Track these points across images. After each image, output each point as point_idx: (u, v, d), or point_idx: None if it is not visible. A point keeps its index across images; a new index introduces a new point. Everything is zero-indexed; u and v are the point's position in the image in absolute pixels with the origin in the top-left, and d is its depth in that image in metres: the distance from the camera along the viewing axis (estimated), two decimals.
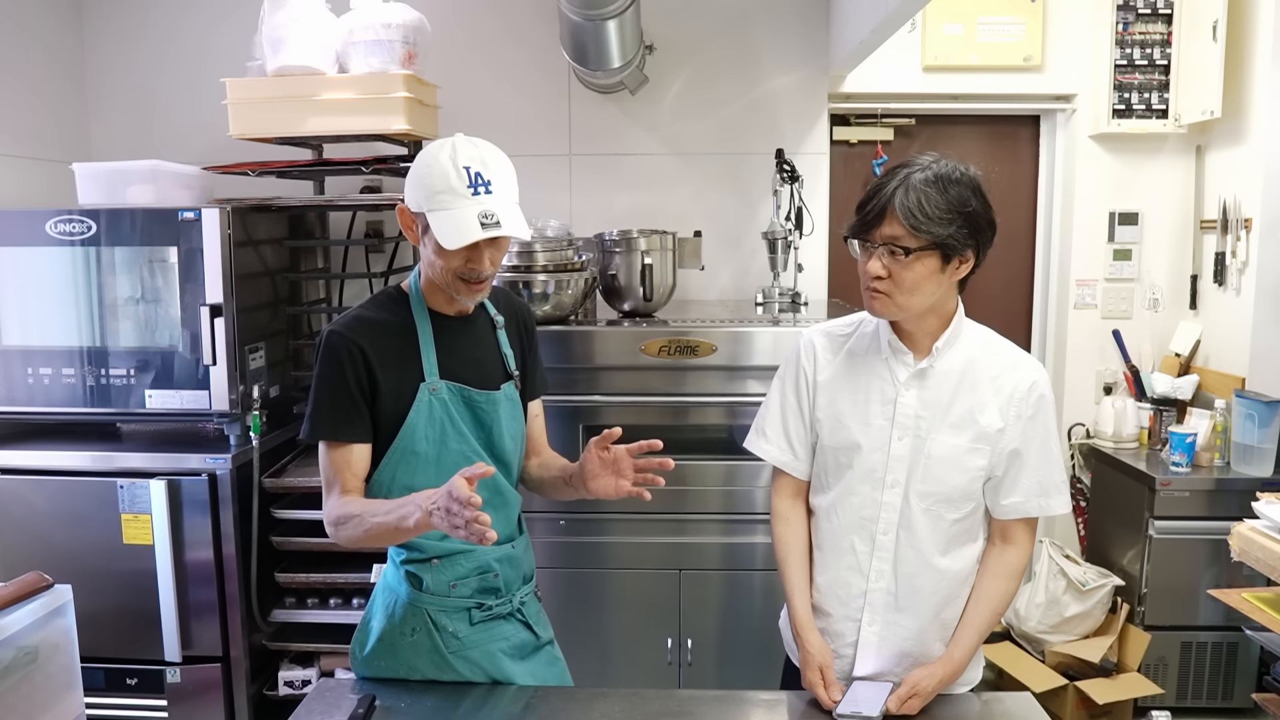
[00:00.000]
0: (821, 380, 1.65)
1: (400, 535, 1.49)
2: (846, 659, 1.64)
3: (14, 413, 2.70)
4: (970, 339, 1.61)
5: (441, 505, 1.34)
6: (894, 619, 1.60)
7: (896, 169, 1.52)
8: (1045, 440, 1.59)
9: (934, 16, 3.44)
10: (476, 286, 1.58)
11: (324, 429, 1.55)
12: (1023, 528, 1.61)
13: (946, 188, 1.47)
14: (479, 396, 1.63)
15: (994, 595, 1.61)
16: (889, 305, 1.52)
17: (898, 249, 1.47)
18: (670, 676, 2.80)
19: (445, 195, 1.49)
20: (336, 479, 1.55)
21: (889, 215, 1.47)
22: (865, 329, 1.66)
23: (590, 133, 3.46)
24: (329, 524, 1.56)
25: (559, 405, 2.71)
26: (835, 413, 1.63)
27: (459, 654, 1.63)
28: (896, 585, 1.60)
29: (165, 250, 2.59)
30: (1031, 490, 1.58)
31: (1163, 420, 3.32)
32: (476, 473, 1.34)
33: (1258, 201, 3.15)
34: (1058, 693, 3.06)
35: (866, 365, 1.62)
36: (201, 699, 2.64)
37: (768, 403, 1.73)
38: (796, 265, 3.20)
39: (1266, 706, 2.38)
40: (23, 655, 1.62)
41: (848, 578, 1.62)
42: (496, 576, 1.66)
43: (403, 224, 1.61)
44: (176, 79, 3.42)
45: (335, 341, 1.55)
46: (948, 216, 1.46)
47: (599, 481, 1.61)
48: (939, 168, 1.50)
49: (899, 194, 1.46)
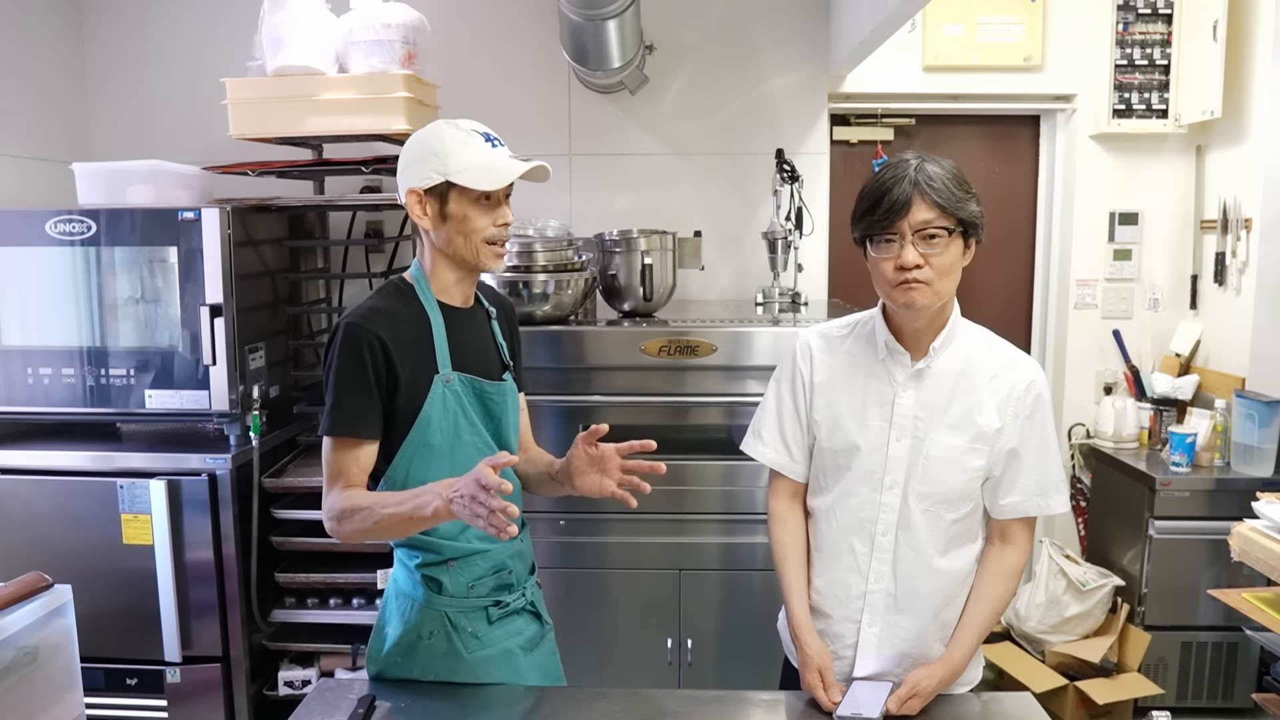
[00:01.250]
0: (818, 382, 1.65)
1: (414, 526, 1.47)
2: (846, 660, 1.64)
3: (14, 413, 2.70)
4: (967, 339, 1.61)
5: (466, 493, 1.32)
6: (894, 620, 1.60)
7: (893, 168, 1.51)
8: (1043, 440, 1.59)
9: (934, 16, 3.44)
10: (502, 249, 1.61)
11: (343, 424, 1.52)
12: (1021, 527, 1.61)
13: (954, 172, 1.50)
14: (490, 388, 1.63)
15: (993, 595, 1.61)
16: (928, 293, 1.48)
17: (936, 231, 1.46)
18: (670, 676, 2.80)
19: (465, 152, 1.53)
20: (342, 473, 1.52)
21: (917, 201, 1.45)
22: (862, 330, 1.65)
23: (590, 132, 3.46)
24: (331, 517, 1.52)
25: (559, 405, 2.71)
26: (833, 414, 1.63)
27: (475, 653, 1.62)
28: (896, 586, 1.59)
29: (165, 250, 2.58)
30: (1030, 490, 1.58)
31: (1163, 420, 3.32)
32: (500, 461, 1.32)
33: (1258, 201, 3.15)
34: (1058, 693, 3.06)
35: (864, 366, 1.62)
36: (201, 699, 2.64)
37: (764, 405, 1.73)
38: (796, 265, 3.20)
39: (1266, 706, 2.38)
40: (23, 655, 1.62)
41: (847, 579, 1.62)
42: (510, 573, 1.66)
43: (415, 211, 1.56)
44: (176, 79, 3.42)
45: (355, 333, 1.52)
46: (969, 195, 1.49)
47: (584, 479, 1.60)
48: (939, 160, 1.51)
49: (921, 180, 1.46)
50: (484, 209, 1.57)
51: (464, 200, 1.55)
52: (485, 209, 1.57)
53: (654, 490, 1.61)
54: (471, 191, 1.54)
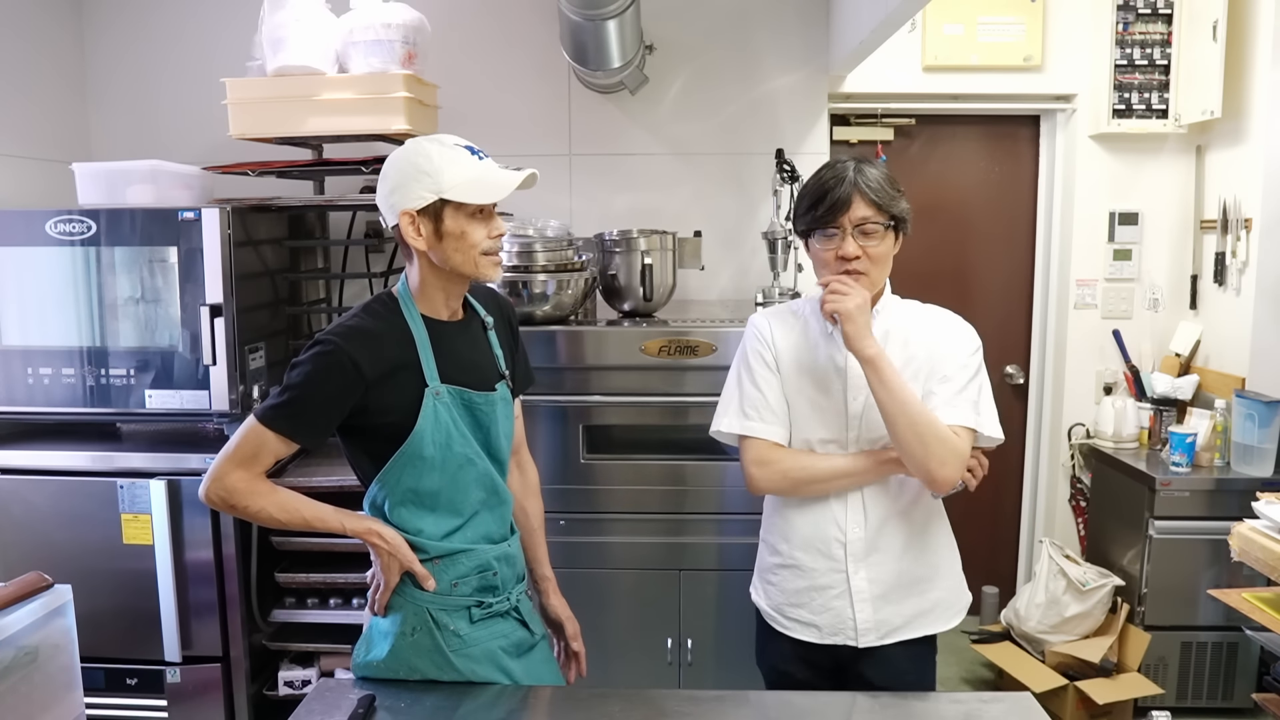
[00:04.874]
0: (780, 351, 1.76)
1: (319, 527, 1.60)
2: (838, 612, 1.71)
3: (14, 413, 2.69)
4: (902, 308, 1.77)
5: (388, 552, 1.58)
6: (877, 560, 1.71)
7: (830, 167, 1.68)
8: (977, 375, 1.69)
9: (934, 16, 3.45)
10: (498, 259, 1.64)
11: (283, 424, 1.54)
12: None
13: (887, 174, 1.68)
14: (479, 398, 1.64)
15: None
16: (867, 282, 1.66)
17: (873, 226, 1.63)
18: (670, 676, 2.80)
19: (455, 168, 1.54)
20: (257, 459, 1.55)
21: (856, 199, 1.63)
22: (804, 309, 1.80)
23: (590, 133, 3.46)
24: (230, 487, 1.54)
25: (559, 405, 2.72)
26: (796, 382, 1.74)
27: (460, 652, 1.63)
28: (871, 530, 1.71)
29: (165, 250, 2.58)
30: (948, 397, 1.66)
31: (1163, 420, 3.32)
32: (429, 586, 1.60)
33: (1258, 201, 3.15)
34: (1058, 693, 3.06)
35: (815, 339, 1.75)
36: (201, 699, 2.64)
37: (740, 389, 1.78)
38: (796, 265, 3.20)
39: (1266, 706, 2.38)
40: (23, 655, 1.62)
41: (826, 532, 1.72)
42: (495, 575, 1.67)
43: (408, 233, 1.56)
44: (176, 79, 3.42)
45: (331, 351, 1.52)
46: (900, 194, 1.67)
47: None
48: (873, 162, 1.70)
49: (860, 180, 1.63)
50: (479, 222, 1.57)
51: (459, 216, 1.55)
52: (480, 221, 1.58)
53: (654, 490, 1.63)
54: (467, 206, 1.55)
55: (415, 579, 1.61)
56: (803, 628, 1.74)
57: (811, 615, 1.73)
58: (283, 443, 1.55)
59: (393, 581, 1.60)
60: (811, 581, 1.73)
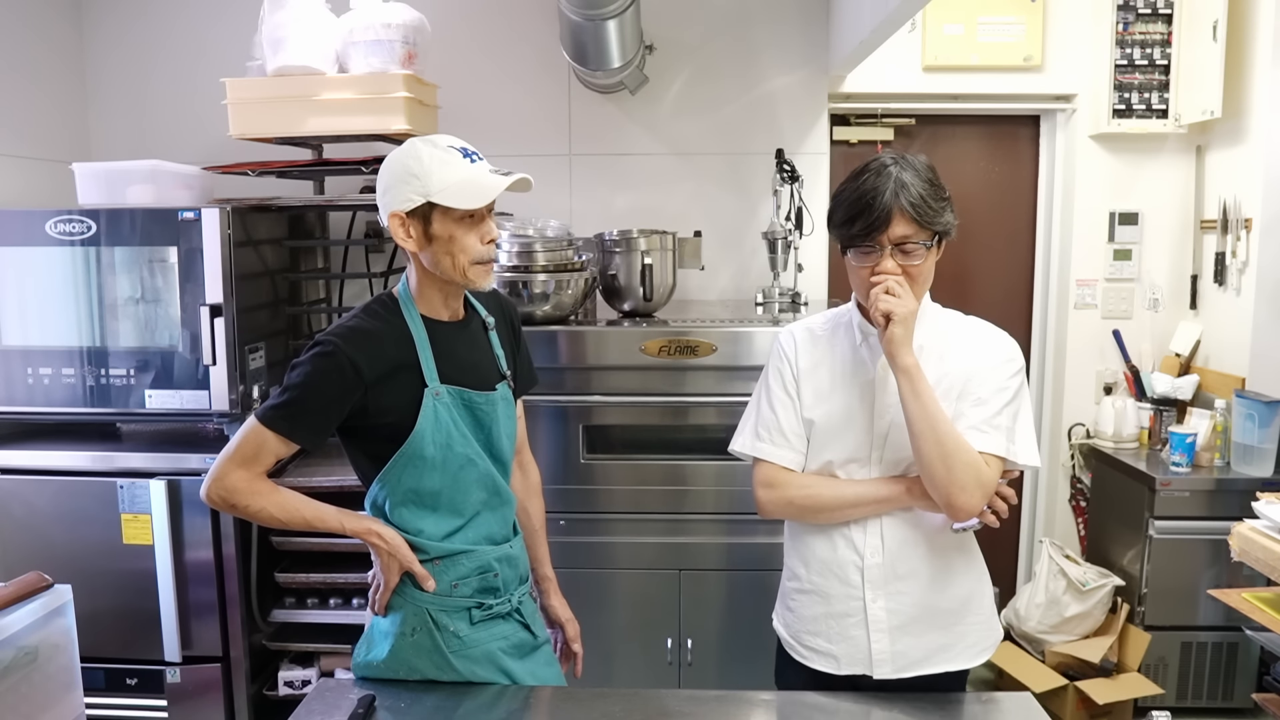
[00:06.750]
0: (803, 369, 1.68)
1: (319, 527, 1.60)
2: (855, 640, 1.63)
3: (14, 413, 2.69)
4: (942, 319, 1.68)
5: (392, 557, 1.57)
6: (896, 589, 1.61)
7: (871, 173, 1.55)
8: (1015, 399, 1.59)
9: (934, 16, 3.44)
10: (490, 266, 1.62)
11: (283, 424, 1.54)
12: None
13: (931, 180, 1.54)
14: (479, 398, 1.64)
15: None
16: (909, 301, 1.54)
17: (913, 245, 1.52)
18: (670, 676, 2.80)
19: (444, 170, 1.52)
20: (258, 460, 1.55)
21: (896, 216, 1.50)
22: (840, 321, 1.71)
23: (590, 132, 3.46)
24: (230, 487, 1.53)
25: (559, 405, 2.72)
26: (819, 401, 1.66)
27: (460, 653, 1.63)
28: (890, 557, 1.61)
29: (165, 250, 2.58)
30: (977, 421, 1.56)
31: (1163, 420, 3.32)
32: (428, 587, 1.60)
33: (1258, 201, 3.15)
34: (1058, 693, 3.06)
35: (844, 354, 1.67)
36: (201, 699, 2.64)
37: (758, 409, 1.72)
38: (796, 265, 3.21)
39: (1266, 706, 2.38)
40: (23, 655, 1.62)
41: (844, 557, 1.64)
42: (496, 576, 1.66)
43: (398, 235, 1.56)
44: (176, 79, 3.42)
45: (331, 352, 1.52)
46: (943, 205, 1.54)
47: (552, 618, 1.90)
48: (915, 163, 1.55)
49: (901, 195, 1.50)
50: (468, 226, 1.55)
51: (448, 220, 1.54)
52: (470, 226, 1.56)
53: (654, 490, 1.62)
54: (455, 210, 1.54)
55: (415, 579, 1.61)
56: (820, 657, 1.67)
57: (829, 644, 1.65)
58: (282, 443, 1.55)
59: (392, 581, 1.60)
60: (829, 608, 1.65)
